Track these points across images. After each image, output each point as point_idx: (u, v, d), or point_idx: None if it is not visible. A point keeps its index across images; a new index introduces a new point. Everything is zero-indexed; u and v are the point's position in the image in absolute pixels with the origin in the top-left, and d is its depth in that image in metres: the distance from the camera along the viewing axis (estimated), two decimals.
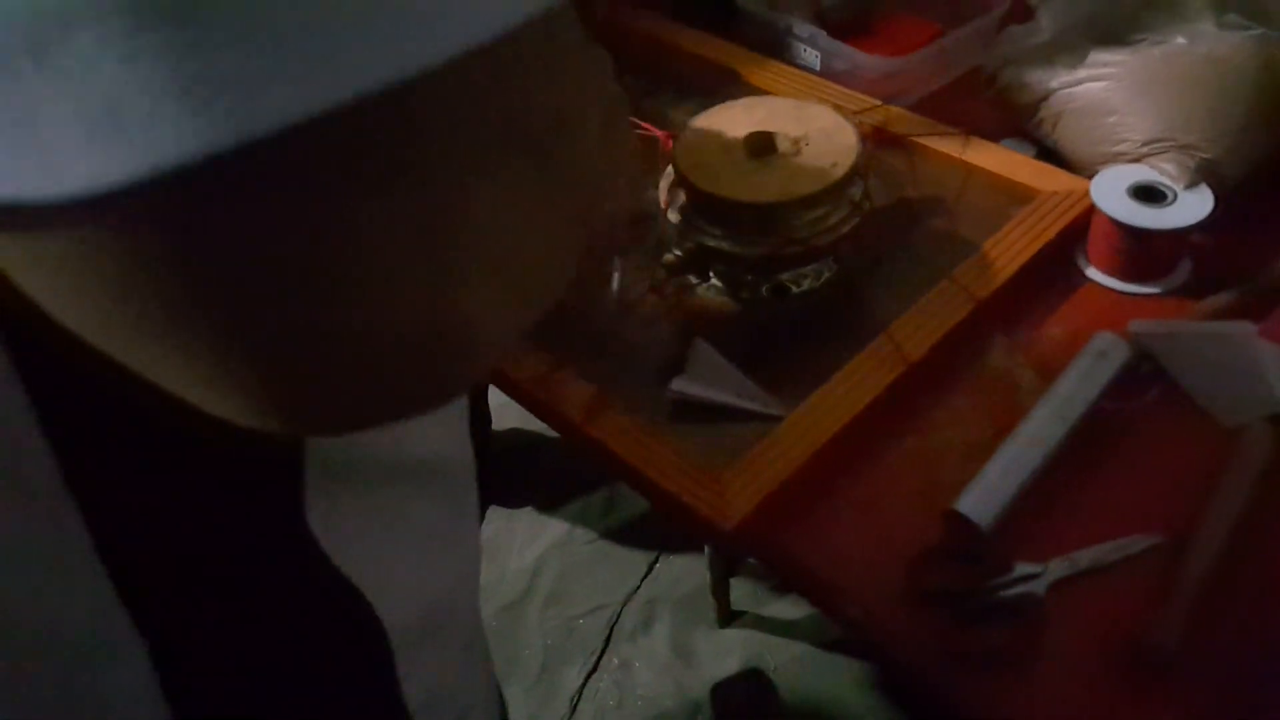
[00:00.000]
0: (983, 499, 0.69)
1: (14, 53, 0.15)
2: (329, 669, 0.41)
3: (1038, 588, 0.66)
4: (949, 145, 0.94)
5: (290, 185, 0.17)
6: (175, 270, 0.18)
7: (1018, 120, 0.96)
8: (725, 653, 1.47)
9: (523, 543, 1.66)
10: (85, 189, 0.16)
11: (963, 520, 0.68)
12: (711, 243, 0.79)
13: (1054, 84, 0.90)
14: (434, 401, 0.23)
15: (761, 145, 0.80)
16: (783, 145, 0.80)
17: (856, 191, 0.80)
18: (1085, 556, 0.67)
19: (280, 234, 0.18)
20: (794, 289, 0.83)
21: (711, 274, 0.83)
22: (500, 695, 0.63)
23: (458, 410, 0.45)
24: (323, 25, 0.16)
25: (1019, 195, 0.90)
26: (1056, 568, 0.67)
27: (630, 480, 0.74)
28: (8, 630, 0.32)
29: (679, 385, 0.77)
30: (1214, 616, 0.63)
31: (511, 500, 1.70)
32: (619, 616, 1.55)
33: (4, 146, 0.16)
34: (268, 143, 0.16)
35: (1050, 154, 0.96)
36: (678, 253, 0.81)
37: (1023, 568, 0.67)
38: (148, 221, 0.17)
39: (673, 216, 0.81)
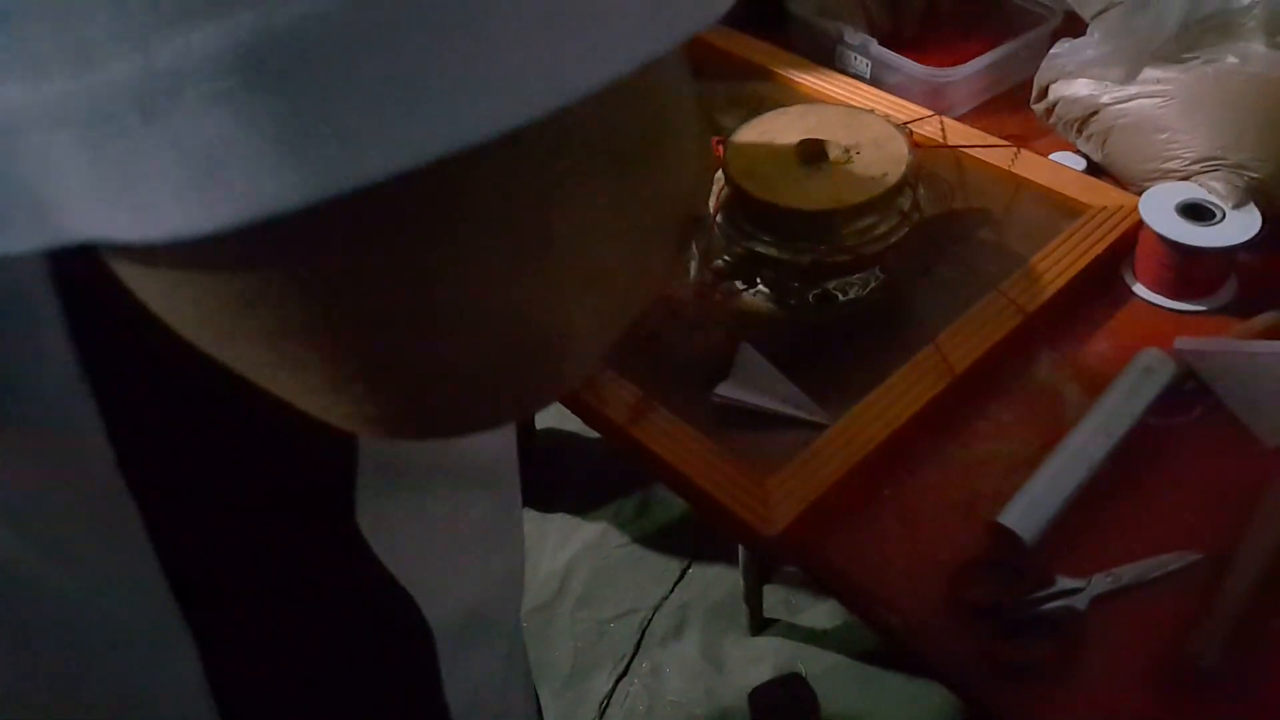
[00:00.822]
0: (1027, 512, 0.69)
1: (123, 108, 0.16)
2: (374, 669, 0.41)
3: (1079, 602, 0.66)
4: (998, 157, 0.94)
5: (385, 228, 0.18)
6: (279, 300, 0.19)
7: (1067, 134, 0.97)
8: (757, 660, 1.48)
9: (555, 544, 1.67)
10: (175, 234, 0.17)
11: (1006, 533, 0.68)
12: (760, 249, 0.80)
13: (1105, 99, 0.90)
14: (532, 408, 0.24)
15: (813, 153, 0.81)
16: (834, 153, 0.81)
17: (906, 201, 0.81)
18: (1128, 572, 0.67)
19: (376, 268, 0.19)
20: (840, 297, 0.83)
21: (759, 279, 0.84)
22: (537, 700, 0.63)
23: None
24: (422, 79, 0.16)
25: (1067, 209, 0.90)
26: (1098, 583, 0.67)
27: (673, 484, 0.75)
28: (64, 628, 0.33)
29: (724, 390, 0.78)
30: (1256, 634, 0.63)
31: (545, 501, 1.72)
32: (650, 621, 1.55)
33: (102, 191, 0.17)
34: (360, 192, 0.16)
35: (1099, 169, 0.96)
36: (726, 258, 0.81)
37: (1064, 582, 0.67)
38: (250, 258, 0.18)
39: (721, 221, 0.82)
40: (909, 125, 0.96)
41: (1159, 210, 0.83)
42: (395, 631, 0.41)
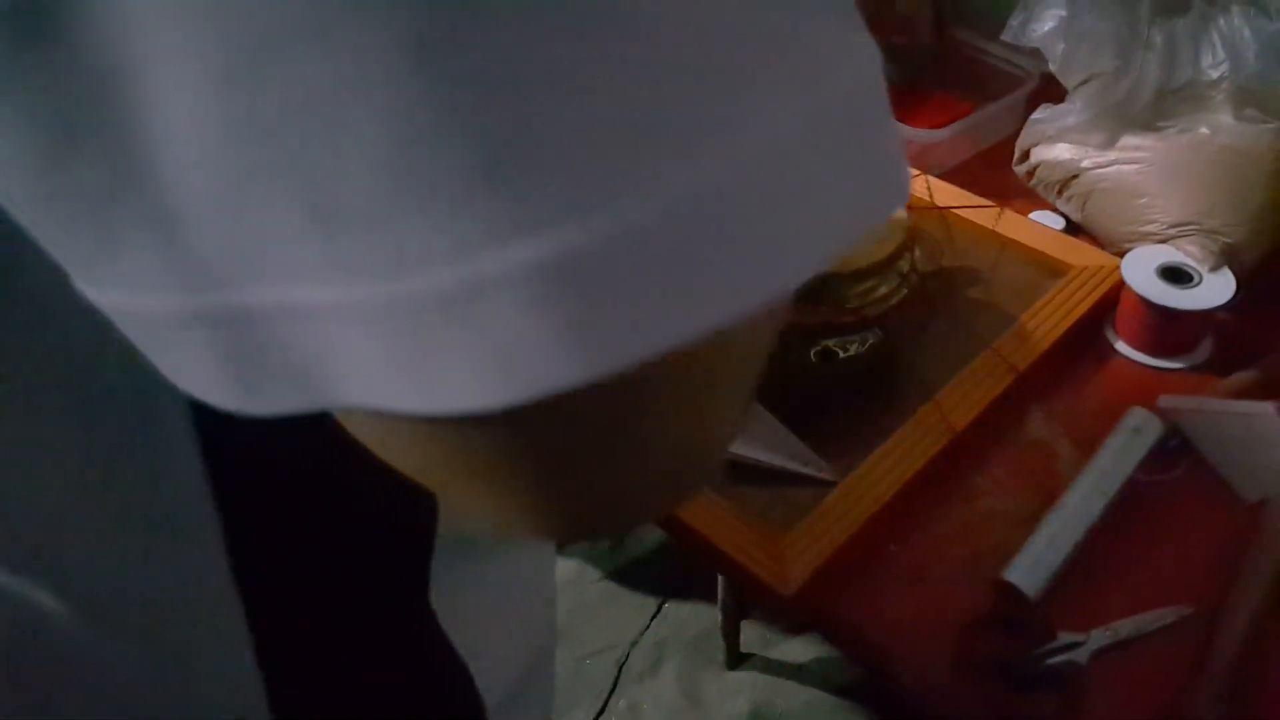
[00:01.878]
0: (1030, 569, 0.72)
1: (426, 307, 0.17)
2: None
3: (1080, 657, 0.70)
4: (982, 216, 0.98)
5: (624, 389, 0.20)
6: (503, 444, 0.21)
7: (1048, 195, 1.01)
8: (734, 695, 1.50)
9: None
10: (460, 409, 0.18)
11: (1012, 589, 0.71)
12: None
13: (1085, 164, 0.95)
14: (686, 501, 0.26)
15: None
16: None
17: (905, 264, 0.84)
18: (1125, 626, 0.71)
19: (602, 418, 0.21)
20: (841, 354, 0.86)
21: None
22: None
23: None
24: (697, 279, 0.17)
25: (1050, 268, 0.94)
26: (1098, 637, 0.70)
27: (687, 542, 0.77)
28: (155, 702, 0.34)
29: (735, 447, 0.80)
30: (1249, 686, 0.67)
31: None
32: (627, 658, 1.57)
33: (388, 372, 0.18)
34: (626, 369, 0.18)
35: (1077, 227, 1.00)
36: None
37: (1066, 636, 0.71)
38: (498, 417, 0.19)
39: None
40: None
41: (1140, 272, 0.87)
42: (453, 709, 0.42)
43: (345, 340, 0.18)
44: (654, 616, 1.61)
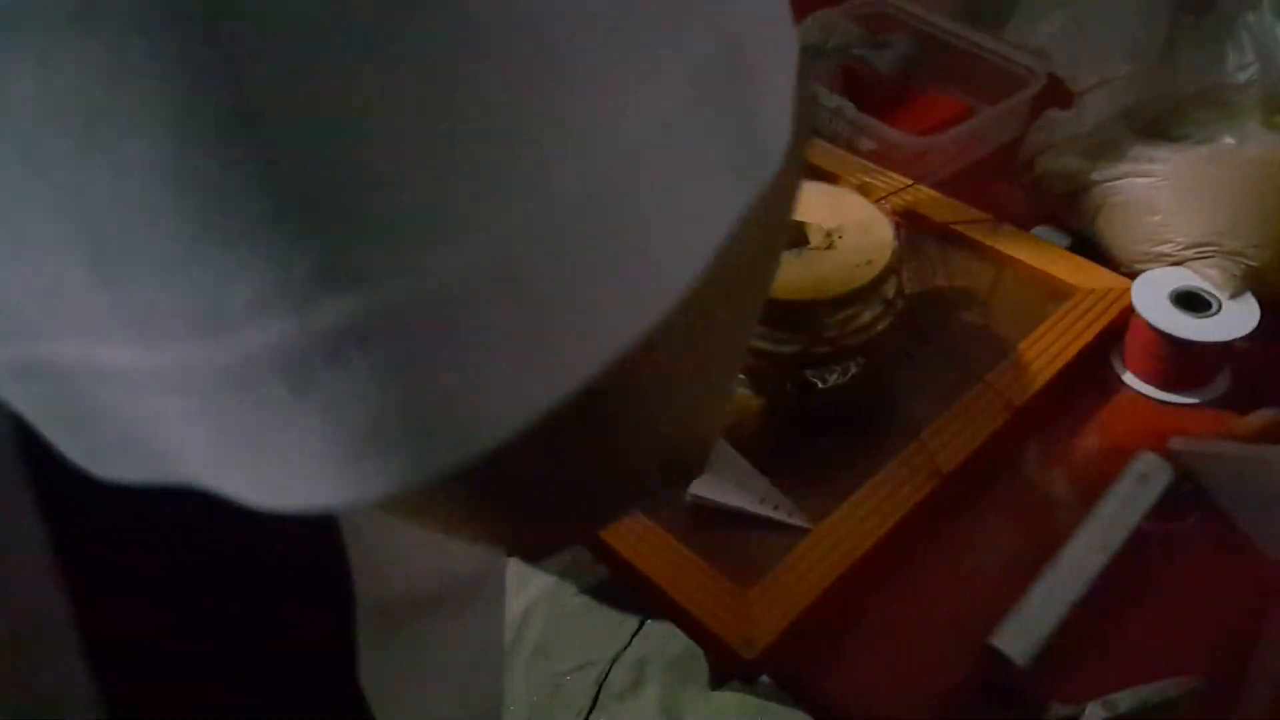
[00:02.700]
0: (1021, 633, 0.65)
1: (268, 381, 0.14)
2: None
3: None
4: (980, 232, 0.91)
5: (549, 436, 0.17)
6: (441, 505, 0.19)
7: (1051, 207, 0.93)
8: (717, 716, 1.44)
9: (510, 590, 1.62)
10: (321, 504, 0.16)
11: (1000, 656, 0.64)
12: None
13: (1095, 176, 0.87)
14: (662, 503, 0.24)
15: (793, 237, 0.77)
16: (815, 238, 0.77)
17: (890, 289, 0.77)
18: (1123, 700, 0.64)
19: (540, 467, 0.18)
20: (820, 384, 0.79)
21: None
22: None
23: None
24: (527, 339, 0.15)
25: (1054, 290, 0.86)
26: (1093, 712, 0.63)
27: (647, 594, 0.70)
28: None
29: (699, 489, 0.73)
30: None
31: None
32: (608, 675, 1.51)
33: (227, 458, 0.15)
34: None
35: (1083, 242, 0.92)
36: None
37: (1059, 709, 0.64)
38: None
39: None
40: (889, 196, 0.92)
41: (1152, 299, 0.80)
42: None
43: (167, 411, 0.15)
44: (635, 633, 1.54)
